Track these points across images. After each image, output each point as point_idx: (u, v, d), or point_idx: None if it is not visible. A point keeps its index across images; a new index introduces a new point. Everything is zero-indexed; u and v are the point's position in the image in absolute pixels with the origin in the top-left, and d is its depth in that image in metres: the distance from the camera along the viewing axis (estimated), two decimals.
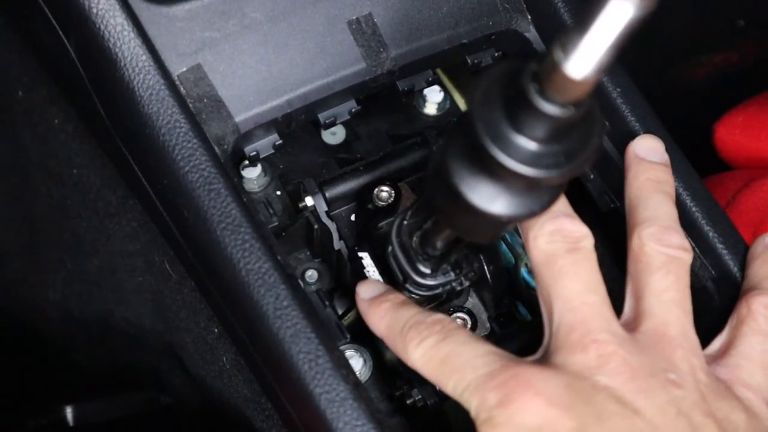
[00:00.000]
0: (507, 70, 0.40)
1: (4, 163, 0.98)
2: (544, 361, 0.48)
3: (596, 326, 0.48)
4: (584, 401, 0.45)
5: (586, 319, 0.48)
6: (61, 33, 0.60)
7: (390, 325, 0.52)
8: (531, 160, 0.39)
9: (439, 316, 0.51)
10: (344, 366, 0.52)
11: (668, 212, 0.55)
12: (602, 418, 0.44)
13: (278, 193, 0.71)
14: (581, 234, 0.50)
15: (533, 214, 0.43)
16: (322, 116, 0.64)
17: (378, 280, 0.60)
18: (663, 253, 0.52)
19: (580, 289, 0.49)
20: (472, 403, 0.46)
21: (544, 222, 0.50)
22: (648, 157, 0.59)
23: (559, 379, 0.46)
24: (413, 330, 0.50)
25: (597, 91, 0.40)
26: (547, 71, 0.36)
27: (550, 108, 0.37)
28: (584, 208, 0.56)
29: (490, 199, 0.42)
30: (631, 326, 0.51)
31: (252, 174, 0.70)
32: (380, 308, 0.54)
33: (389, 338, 0.52)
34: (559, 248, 0.50)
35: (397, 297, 0.55)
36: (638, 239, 0.53)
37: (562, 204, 0.52)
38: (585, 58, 0.34)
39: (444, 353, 0.48)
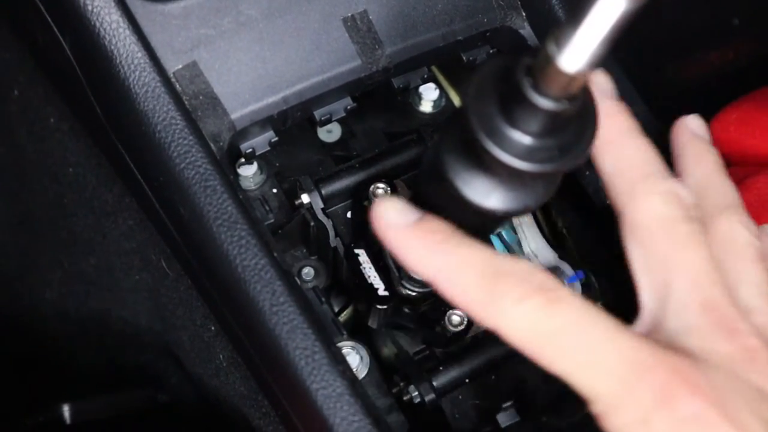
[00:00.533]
0: (501, 64, 0.40)
1: (0, 162, 0.98)
2: (671, 340, 0.41)
3: (731, 313, 0.41)
4: (749, 409, 0.38)
5: (720, 302, 0.41)
6: (56, 31, 0.60)
7: (459, 266, 0.39)
8: (525, 154, 0.39)
9: (529, 263, 0.40)
10: (341, 362, 0.52)
11: (740, 199, 0.49)
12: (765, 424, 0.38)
13: (274, 190, 0.71)
14: (694, 202, 0.44)
15: (528, 208, 0.43)
16: (318, 113, 0.64)
17: (404, 200, 0.44)
18: (753, 245, 0.46)
19: (708, 265, 0.42)
20: (611, 397, 0.37)
21: (657, 179, 0.44)
22: (704, 136, 0.52)
23: (722, 377, 0.38)
24: (503, 280, 0.38)
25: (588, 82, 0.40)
26: (540, 65, 0.36)
27: (544, 102, 0.37)
28: (579, 204, 0.56)
29: (485, 193, 0.42)
30: None
31: (248, 172, 0.70)
32: (433, 239, 0.40)
33: (459, 286, 0.39)
34: (677, 213, 0.43)
35: (449, 227, 0.41)
36: (728, 223, 0.46)
37: (666, 166, 0.45)
38: (578, 52, 0.34)
39: (559, 323, 0.37)
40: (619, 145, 0.46)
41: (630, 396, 0.37)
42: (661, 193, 0.43)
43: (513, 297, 0.38)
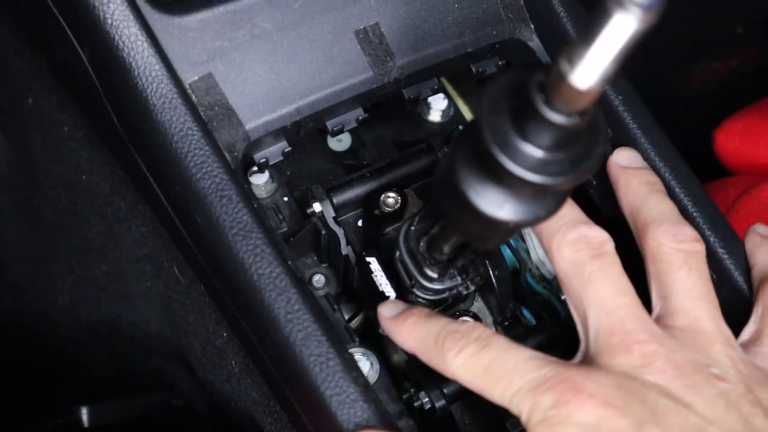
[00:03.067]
0: (514, 79, 0.41)
1: (14, 169, 1.00)
2: (588, 364, 0.49)
3: (634, 327, 0.49)
4: (637, 399, 0.46)
5: (624, 322, 0.49)
6: (75, 42, 0.61)
7: (422, 337, 0.52)
8: (537, 167, 0.40)
9: (472, 323, 0.51)
10: (354, 368, 0.53)
11: (671, 208, 0.56)
12: (657, 414, 0.45)
13: (285, 199, 0.72)
14: (603, 239, 0.51)
15: (539, 219, 0.44)
16: (330, 124, 0.65)
17: (398, 300, 0.59)
18: (681, 250, 0.53)
19: (612, 292, 0.50)
20: (523, 407, 0.47)
21: (565, 232, 0.51)
22: (631, 165, 0.60)
23: (610, 379, 0.47)
24: (449, 339, 0.50)
25: (599, 98, 0.41)
26: (553, 81, 0.37)
27: (555, 117, 0.38)
28: (587, 214, 0.57)
29: (497, 205, 0.44)
30: (664, 325, 0.52)
31: (260, 180, 0.72)
32: (407, 323, 0.53)
33: (423, 351, 0.51)
34: (584, 255, 0.51)
35: (422, 311, 0.54)
36: (653, 240, 0.54)
37: (578, 212, 0.53)
38: (590, 69, 0.35)
39: (487, 361, 0.48)
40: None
41: (536, 405, 0.46)
42: (568, 243, 0.51)
43: (455, 350, 0.49)
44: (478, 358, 0.48)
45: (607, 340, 0.49)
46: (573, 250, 0.51)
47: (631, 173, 0.59)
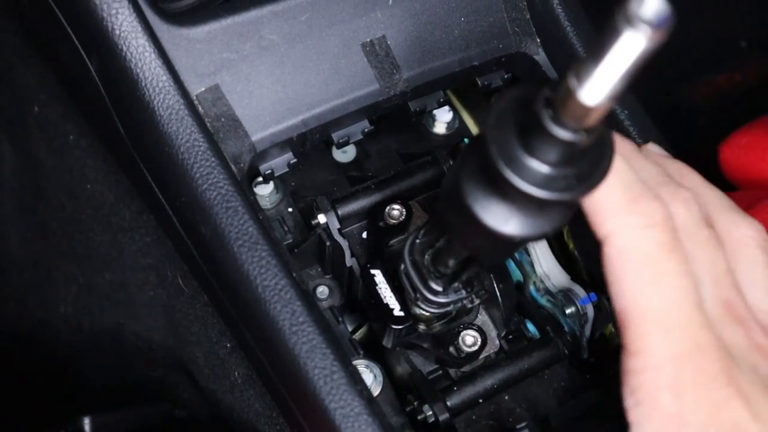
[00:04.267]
0: (521, 95, 0.41)
1: (18, 177, 1.00)
2: None
3: (745, 313, 0.47)
4: (761, 392, 0.43)
5: (736, 303, 0.47)
6: (83, 52, 0.61)
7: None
8: (543, 182, 0.40)
9: None
10: (358, 381, 0.53)
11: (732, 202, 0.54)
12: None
13: (290, 210, 0.73)
14: (707, 214, 0.49)
15: (545, 234, 0.44)
16: (336, 136, 0.66)
17: None
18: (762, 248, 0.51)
19: (726, 268, 0.47)
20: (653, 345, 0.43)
21: (677, 188, 0.48)
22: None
23: (741, 365, 0.44)
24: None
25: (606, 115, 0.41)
26: (561, 98, 0.37)
27: (563, 133, 0.38)
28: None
29: (503, 219, 0.43)
30: None
31: (264, 191, 0.72)
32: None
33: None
34: (697, 217, 0.48)
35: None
36: (737, 229, 0.51)
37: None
38: (598, 87, 0.35)
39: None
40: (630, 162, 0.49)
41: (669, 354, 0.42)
42: (682, 199, 0.47)
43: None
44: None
45: (714, 309, 0.45)
46: (687, 209, 0.47)
47: (684, 164, 0.55)
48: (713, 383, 0.42)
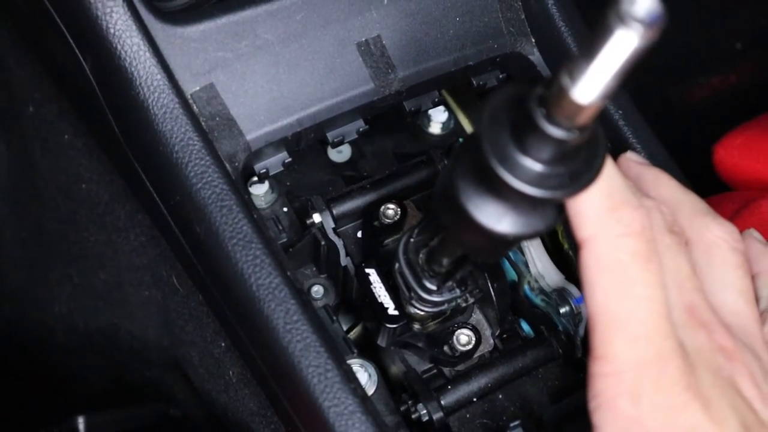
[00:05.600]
0: (514, 93, 0.41)
1: (13, 177, 1.00)
2: None
3: (709, 317, 0.47)
4: (721, 397, 0.44)
5: (700, 307, 0.47)
6: (77, 52, 0.61)
7: None
8: (537, 180, 0.40)
9: None
10: (352, 380, 0.53)
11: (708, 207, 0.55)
12: (735, 410, 0.44)
13: (285, 209, 0.73)
14: (674, 220, 0.49)
15: (538, 233, 0.45)
16: (331, 135, 0.66)
17: None
18: (736, 251, 0.52)
19: (690, 272, 0.48)
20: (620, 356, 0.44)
21: (640, 197, 0.48)
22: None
23: (701, 370, 0.45)
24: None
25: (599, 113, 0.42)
26: (554, 96, 0.37)
27: (555, 131, 0.38)
28: None
29: (496, 218, 0.44)
30: None
31: (259, 191, 0.72)
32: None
33: None
34: (661, 225, 0.48)
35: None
36: (710, 233, 0.52)
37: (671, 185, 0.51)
38: (591, 85, 0.35)
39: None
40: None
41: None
42: (646, 210, 0.46)
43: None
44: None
45: (683, 315, 0.46)
46: (648, 218, 0.46)
47: (659, 171, 0.56)
48: (672, 389, 0.43)
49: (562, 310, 0.66)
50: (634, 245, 0.43)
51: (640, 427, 0.42)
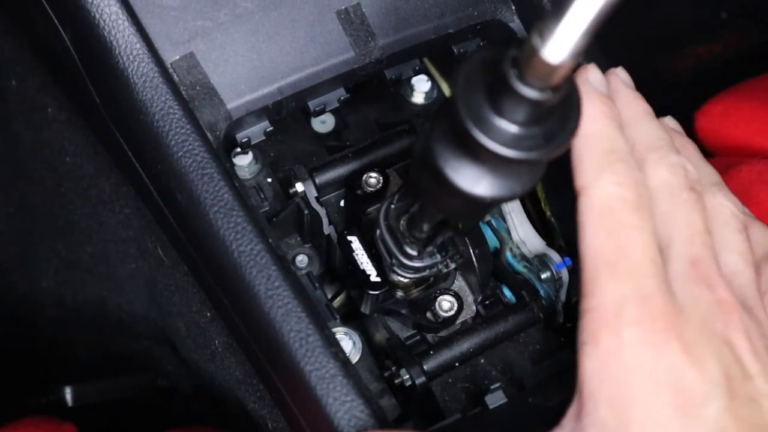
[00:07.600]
0: (488, 56, 0.41)
1: None
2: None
3: (713, 272, 0.48)
4: (707, 342, 0.45)
5: (706, 261, 0.48)
6: (56, 22, 0.61)
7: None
8: (512, 142, 0.40)
9: None
10: (334, 344, 0.54)
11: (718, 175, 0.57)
12: (720, 358, 0.45)
13: (269, 180, 0.73)
14: (697, 179, 0.51)
15: (515, 195, 0.45)
16: (312, 104, 0.66)
17: None
18: (737, 217, 0.54)
19: (703, 229, 0.49)
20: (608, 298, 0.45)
21: (669, 152, 0.50)
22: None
23: (692, 322, 0.46)
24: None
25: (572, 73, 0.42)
26: (525, 57, 0.37)
27: (529, 92, 0.38)
28: (568, 194, 0.58)
29: (473, 180, 0.44)
30: None
31: (243, 161, 0.72)
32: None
33: None
34: (682, 181, 0.50)
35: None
36: (715, 199, 0.53)
37: (674, 145, 0.52)
38: (561, 44, 0.36)
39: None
40: (635, 124, 0.51)
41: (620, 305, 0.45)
42: (669, 164, 0.50)
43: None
44: None
45: (688, 268, 0.48)
46: (672, 173, 0.50)
47: (685, 138, 0.58)
48: (651, 325, 0.44)
49: (543, 276, 0.67)
50: (625, 193, 0.46)
51: (619, 360, 0.44)
